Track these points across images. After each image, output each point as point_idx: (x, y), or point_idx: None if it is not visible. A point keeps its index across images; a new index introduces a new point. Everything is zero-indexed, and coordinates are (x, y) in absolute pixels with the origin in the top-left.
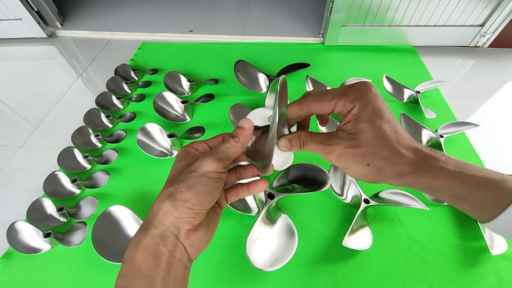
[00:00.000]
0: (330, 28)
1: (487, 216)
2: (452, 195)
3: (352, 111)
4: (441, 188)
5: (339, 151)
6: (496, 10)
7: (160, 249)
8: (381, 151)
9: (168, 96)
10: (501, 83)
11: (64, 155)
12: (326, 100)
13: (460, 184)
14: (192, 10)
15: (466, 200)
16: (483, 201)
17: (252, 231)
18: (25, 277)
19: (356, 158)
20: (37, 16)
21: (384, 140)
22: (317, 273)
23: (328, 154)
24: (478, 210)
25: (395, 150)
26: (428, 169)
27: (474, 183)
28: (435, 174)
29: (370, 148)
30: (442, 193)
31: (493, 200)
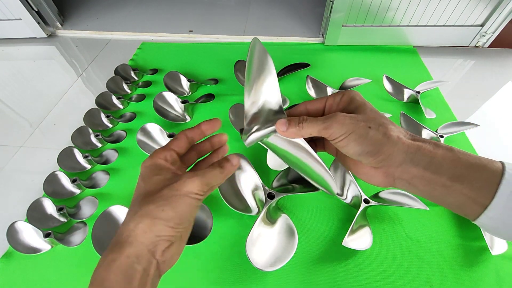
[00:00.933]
0: (330, 28)
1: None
2: (452, 176)
3: (343, 98)
4: (441, 165)
5: (340, 117)
6: (496, 10)
7: (135, 268)
8: (379, 118)
9: (168, 96)
10: (501, 83)
11: (64, 155)
12: (319, 99)
13: (456, 159)
14: (192, 10)
15: (464, 182)
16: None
17: (252, 231)
18: (25, 277)
19: (357, 122)
20: (37, 16)
21: (378, 113)
22: (317, 273)
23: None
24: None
25: (390, 121)
26: (424, 141)
27: (466, 160)
28: (432, 146)
29: (368, 116)
30: (442, 174)
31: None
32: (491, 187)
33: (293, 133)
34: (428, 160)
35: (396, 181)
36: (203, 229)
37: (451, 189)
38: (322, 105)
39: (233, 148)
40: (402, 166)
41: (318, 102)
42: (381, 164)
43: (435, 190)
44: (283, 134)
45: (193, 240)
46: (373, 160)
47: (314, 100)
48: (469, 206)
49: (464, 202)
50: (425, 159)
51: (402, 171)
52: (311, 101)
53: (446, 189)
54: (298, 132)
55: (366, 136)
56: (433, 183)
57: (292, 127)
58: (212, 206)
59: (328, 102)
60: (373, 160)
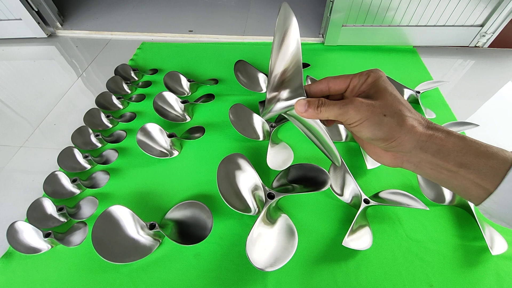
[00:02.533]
0: (330, 28)
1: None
2: (459, 163)
3: (367, 80)
4: (449, 153)
5: (357, 103)
6: (496, 10)
7: None
8: (395, 105)
9: (168, 96)
10: (501, 83)
11: (64, 155)
12: (343, 77)
13: (466, 148)
14: (192, 10)
15: (471, 168)
16: (486, 170)
17: (252, 231)
18: (25, 277)
19: (374, 109)
20: (37, 16)
21: (396, 98)
22: (317, 273)
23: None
24: (482, 181)
25: (407, 107)
26: (437, 129)
27: (477, 148)
28: (445, 135)
29: (386, 102)
30: (449, 161)
31: (495, 168)
32: (498, 173)
33: (311, 115)
34: (437, 148)
35: (404, 164)
36: (203, 229)
37: (457, 174)
38: (346, 85)
39: (233, 148)
40: (412, 152)
41: (342, 82)
42: (392, 150)
43: (441, 173)
44: (301, 115)
45: (193, 240)
46: (384, 145)
47: (338, 78)
48: (474, 190)
49: (469, 186)
50: (434, 147)
51: (411, 156)
52: (335, 78)
53: (452, 173)
54: (315, 115)
55: (380, 124)
56: (440, 167)
57: (311, 109)
58: (212, 206)
59: (352, 82)
60: (384, 145)
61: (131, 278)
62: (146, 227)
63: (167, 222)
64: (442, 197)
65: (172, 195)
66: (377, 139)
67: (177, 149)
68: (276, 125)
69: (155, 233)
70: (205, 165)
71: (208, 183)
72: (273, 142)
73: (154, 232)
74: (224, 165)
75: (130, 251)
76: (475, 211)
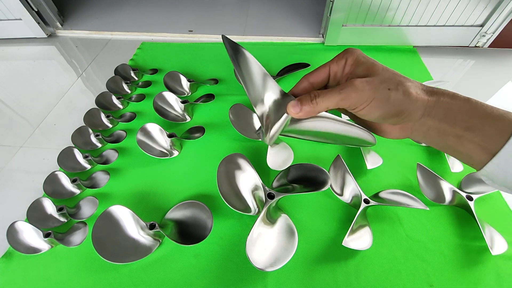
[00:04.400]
0: (330, 28)
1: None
2: (465, 126)
3: (348, 61)
4: (455, 117)
5: (357, 83)
6: (496, 10)
7: None
8: (394, 76)
9: (168, 96)
10: (501, 83)
11: (64, 155)
12: (321, 68)
13: (472, 110)
14: (192, 10)
15: (476, 131)
16: (491, 132)
17: (252, 231)
18: (25, 277)
19: (377, 85)
20: (37, 16)
21: (390, 70)
22: (317, 273)
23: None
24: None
25: (404, 77)
26: (442, 94)
27: (483, 110)
28: (450, 98)
29: (383, 76)
30: (455, 125)
31: (500, 130)
32: (503, 135)
33: (308, 112)
34: (444, 112)
35: (413, 133)
36: (203, 229)
37: (463, 138)
38: (326, 74)
39: (233, 148)
40: (421, 120)
41: (321, 72)
42: (403, 122)
43: (448, 140)
44: (298, 116)
45: (193, 240)
46: (395, 120)
47: (316, 71)
48: (478, 155)
49: (474, 150)
50: (441, 111)
51: (420, 125)
52: (312, 72)
53: (458, 138)
54: (313, 109)
55: (388, 100)
56: (446, 133)
57: (306, 106)
58: (212, 206)
59: (332, 69)
60: (395, 120)
61: (131, 278)
62: (146, 227)
63: (167, 222)
64: (442, 197)
65: (172, 195)
66: (388, 116)
67: (177, 149)
68: None
69: (155, 233)
70: (205, 165)
71: (208, 183)
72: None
73: (154, 232)
74: (224, 165)
75: (130, 251)
76: (475, 211)
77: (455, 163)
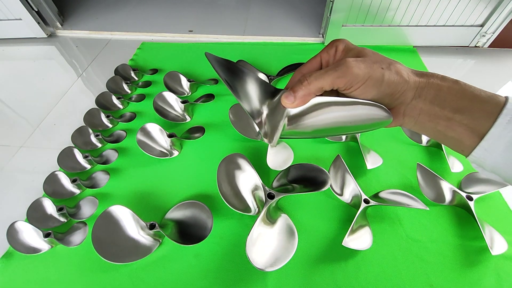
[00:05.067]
0: (330, 28)
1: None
2: (454, 108)
3: (339, 48)
4: (445, 98)
5: (353, 64)
6: (496, 10)
7: None
8: (385, 59)
9: (168, 96)
10: (501, 83)
11: (64, 155)
12: (312, 59)
13: (461, 92)
14: (192, 10)
15: (465, 113)
16: (479, 114)
17: (252, 231)
18: (25, 277)
19: (372, 66)
20: (37, 16)
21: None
22: (317, 273)
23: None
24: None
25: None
26: (432, 75)
27: (471, 92)
28: (440, 79)
29: (375, 57)
30: (445, 106)
31: (488, 112)
32: (490, 117)
33: (303, 96)
34: (434, 93)
35: (405, 119)
36: (203, 229)
37: (452, 121)
38: (318, 63)
39: (233, 148)
40: (412, 102)
41: (313, 63)
42: (396, 103)
43: (438, 124)
44: (294, 106)
45: (193, 240)
46: (389, 100)
47: (308, 63)
48: (467, 137)
49: (463, 133)
50: (432, 92)
51: (411, 108)
52: (305, 64)
53: (448, 121)
54: (307, 91)
55: (382, 79)
56: (437, 117)
57: (299, 91)
58: (212, 206)
59: (323, 58)
60: (389, 100)
61: (131, 278)
62: (146, 227)
63: (167, 222)
64: (442, 197)
65: (172, 195)
66: (383, 95)
67: (177, 149)
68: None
69: (155, 233)
70: (205, 165)
71: (208, 183)
72: None
73: (154, 232)
74: (224, 165)
75: (130, 251)
76: (475, 211)
77: (455, 163)
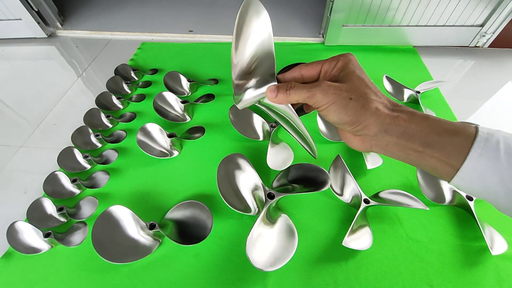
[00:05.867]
0: (330, 28)
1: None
2: (424, 143)
3: (337, 65)
4: (413, 134)
5: (325, 85)
6: (496, 10)
7: None
8: (362, 88)
9: (168, 96)
10: (501, 83)
11: (64, 155)
12: (315, 63)
13: (429, 127)
14: (192, 10)
15: (435, 147)
16: (450, 148)
17: (252, 231)
18: (25, 277)
19: (340, 92)
20: (37, 16)
21: (363, 82)
22: (317, 273)
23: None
24: (448, 160)
25: (373, 91)
26: (401, 111)
27: (440, 126)
28: (408, 116)
29: (353, 85)
30: (414, 141)
31: (459, 145)
32: (462, 150)
33: (281, 100)
34: (402, 130)
35: (373, 148)
36: (203, 229)
37: (423, 154)
38: (318, 71)
39: (233, 148)
40: (377, 135)
41: (313, 68)
42: (359, 133)
43: (409, 155)
44: (272, 101)
45: (193, 240)
46: (350, 129)
47: (310, 65)
48: (442, 168)
49: (437, 164)
50: (399, 129)
51: (378, 140)
52: (307, 65)
53: (419, 153)
54: (285, 98)
55: (345, 107)
56: (407, 148)
57: (280, 93)
58: (212, 206)
59: (323, 68)
60: (351, 129)
61: (131, 278)
62: (146, 227)
63: (167, 222)
64: (442, 197)
65: (172, 195)
66: (343, 123)
67: (177, 149)
68: (276, 125)
69: (155, 233)
70: (205, 165)
71: (208, 183)
72: (273, 142)
73: (154, 232)
74: (224, 165)
75: (130, 251)
76: (475, 211)
77: None
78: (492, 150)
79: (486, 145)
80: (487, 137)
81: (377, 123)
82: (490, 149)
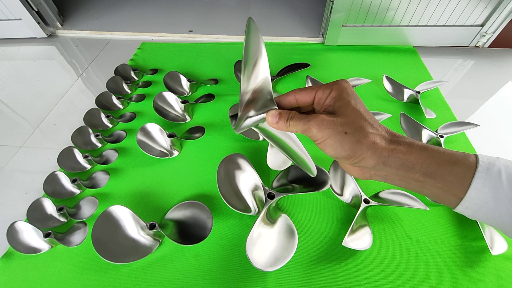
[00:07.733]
0: (330, 28)
1: (459, 192)
2: (424, 173)
3: (331, 94)
4: (413, 165)
5: (319, 119)
6: (496, 10)
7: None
8: (358, 121)
9: (168, 96)
10: (501, 83)
11: (64, 155)
12: (308, 89)
13: (429, 158)
14: (192, 10)
15: (437, 178)
16: (452, 178)
17: (252, 231)
18: (25, 277)
19: (335, 126)
20: (37, 16)
21: (359, 114)
22: (317, 273)
23: (310, 123)
24: (450, 189)
25: (369, 123)
26: (399, 143)
27: (440, 157)
28: (406, 148)
29: (348, 119)
30: (415, 172)
31: (461, 176)
32: (464, 181)
33: (281, 127)
34: (400, 162)
35: (373, 177)
36: (203, 229)
37: (425, 183)
38: (311, 98)
39: (233, 148)
40: (376, 167)
41: (307, 95)
42: (356, 165)
43: (410, 183)
44: (272, 126)
45: (193, 240)
46: (348, 162)
47: (304, 91)
48: (445, 197)
49: (440, 193)
50: (397, 161)
51: (377, 170)
52: (301, 90)
53: (420, 183)
54: (285, 127)
55: (341, 141)
56: (407, 178)
57: (281, 121)
58: (212, 206)
59: (317, 95)
60: (348, 162)
61: (131, 278)
62: (146, 227)
63: (167, 222)
64: None
65: (172, 195)
66: (340, 157)
67: (177, 149)
68: None
69: (155, 233)
70: (205, 165)
71: (208, 183)
72: None
73: (154, 232)
74: (224, 165)
75: (130, 251)
76: None
77: None
78: (495, 180)
79: (488, 175)
80: (488, 167)
81: (374, 156)
82: (492, 179)
